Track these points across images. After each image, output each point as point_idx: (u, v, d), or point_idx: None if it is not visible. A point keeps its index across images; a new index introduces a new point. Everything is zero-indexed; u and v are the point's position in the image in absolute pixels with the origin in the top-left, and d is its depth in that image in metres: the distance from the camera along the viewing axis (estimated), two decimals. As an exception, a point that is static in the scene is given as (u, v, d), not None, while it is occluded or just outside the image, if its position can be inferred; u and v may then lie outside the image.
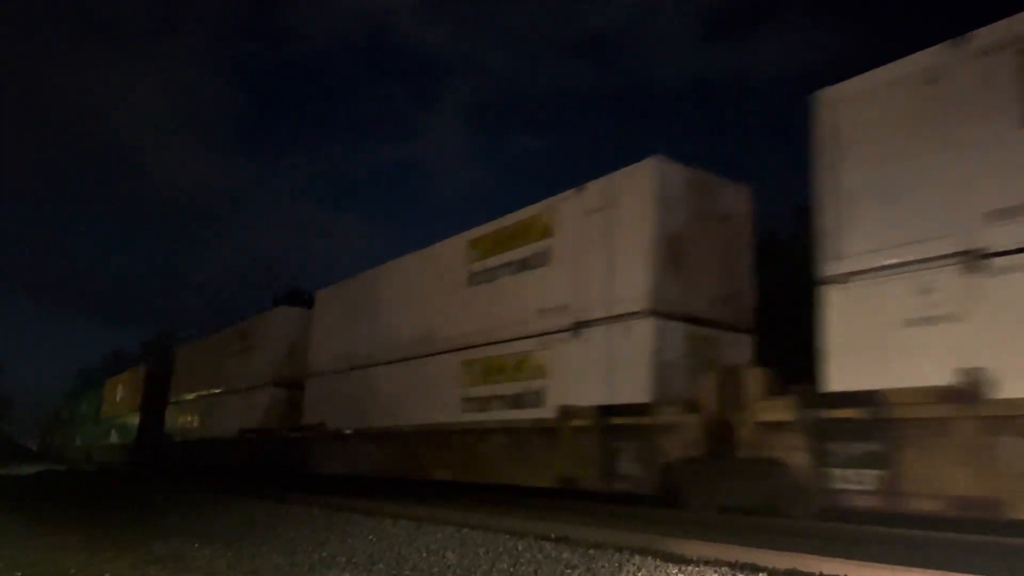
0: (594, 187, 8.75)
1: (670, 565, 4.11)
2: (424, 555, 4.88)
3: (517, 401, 9.11)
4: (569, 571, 4.22)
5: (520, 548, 4.84)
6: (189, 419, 20.23)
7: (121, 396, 28.41)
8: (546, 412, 8.59)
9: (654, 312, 7.81)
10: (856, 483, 5.67)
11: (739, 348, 8.44)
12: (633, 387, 7.75)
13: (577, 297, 8.63)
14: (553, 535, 5.39)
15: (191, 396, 20.33)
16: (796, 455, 6.11)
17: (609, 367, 8.06)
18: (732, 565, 4.08)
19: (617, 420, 7.74)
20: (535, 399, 8.83)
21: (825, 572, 4.01)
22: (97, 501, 10.62)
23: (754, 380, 6.68)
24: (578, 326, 8.51)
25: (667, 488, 7.17)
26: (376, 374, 12.18)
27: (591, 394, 8.11)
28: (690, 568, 4.02)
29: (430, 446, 10.55)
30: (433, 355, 10.82)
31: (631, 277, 8.03)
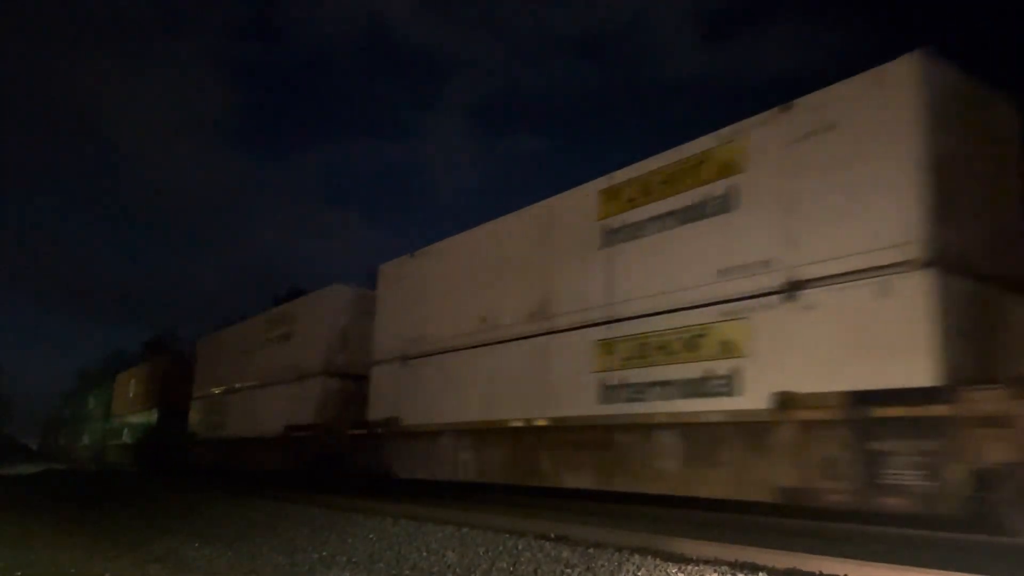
0: (809, 103, 6.79)
1: (670, 564, 4.12)
2: (424, 554, 4.89)
3: (693, 388, 7.14)
4: (569, 570, 4.22)
5: (520, 547, 4.84)
6: (218, 416, 18.06)
7: (135, 392, 26.41)
8: (745, 402, 6.64)
9: (931, 262, 5.76)
10: None
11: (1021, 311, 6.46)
12: (900, 365, 5.71)
13: (788, 249, 6.64)
14: (553, 534, 5.40)
15: (219, 391, 18.37)
16: None
17: (852, 340, 6.07)
18: (732, 564, 4.08)
19: (884, 411, 5.67)
20: (724, 385, 6.90)
21: (825, 572, 4.02)
22: (97, 501, 10.62)
23: None
24: (793, 287, 6.53)
25: (979, 506, 5.18)
26: (468, 359, 10.01)
27: (821, 377, 6.15)
28: (690, 567, 4.02)
29: (558, 445, 8.38)
30: (552, 333, 8.78)
31: (887, 217, 6.07)
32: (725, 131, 7.39)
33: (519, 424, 8.84)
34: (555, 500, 8.70)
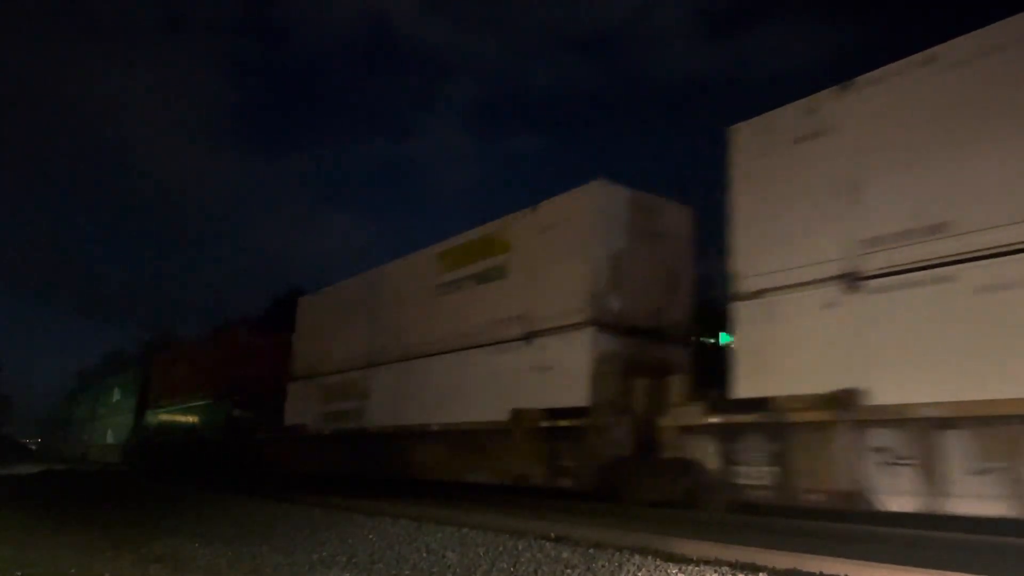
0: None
1: (670, 565, 4.12)
2: (424, 555, 4.89)
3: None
4: (569, 571, 4.22)
5: (520, 548, 4.84)
6: (347, 401, 12.92)
7: (185, 377, 20.90)
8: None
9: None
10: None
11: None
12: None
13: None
14: (553, 535, 5.40)
15: (345, 365, 13.17)
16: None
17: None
18: (732, 565, 4.08)
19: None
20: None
21: (825, 572, 4.02)
22: (97, 501, 10.62)
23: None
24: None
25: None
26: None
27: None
28: (690, 568, 4.02)
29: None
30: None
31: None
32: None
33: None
34: (555, 500, 8.71)
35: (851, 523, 5.87)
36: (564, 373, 8.63)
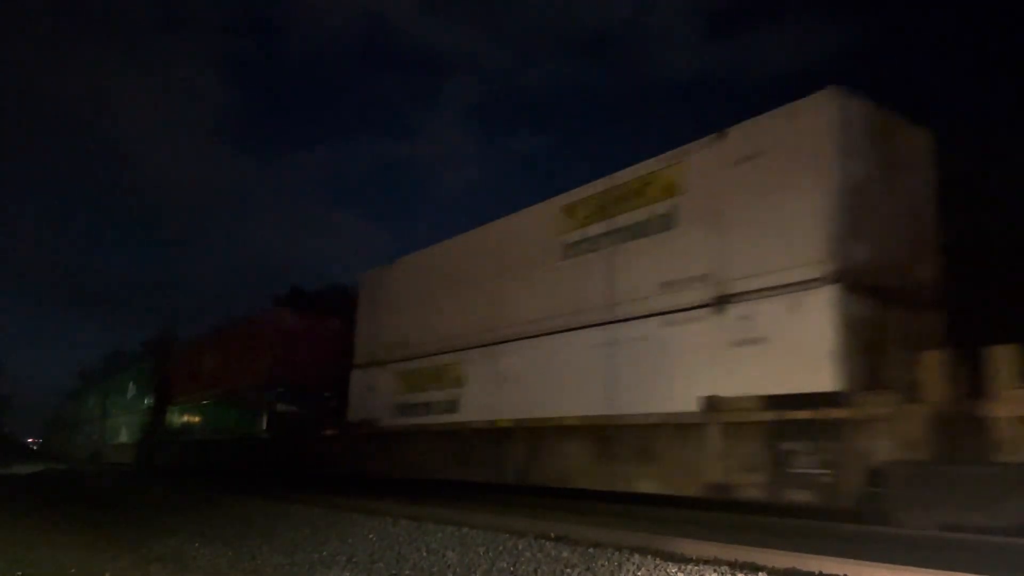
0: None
1: (670, 564, 4.12)
2: (424, 555, 4.89)
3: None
4: (569, 570, 4.23)
5: (520, 547, 4.85)
6: (448, 392, 10.51)
7: (212, 369, 18.54)
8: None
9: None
10: None
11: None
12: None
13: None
14: (553, 534, 5.40)
15: (451, 346, 10.64)
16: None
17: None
18: (732, 564, 4.08)
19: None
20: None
21: (825, 571, 4.02)
22: (97, 501, 10.62)
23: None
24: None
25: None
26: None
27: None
28: (690, 567, 4.02)
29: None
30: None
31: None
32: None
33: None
34: (555, 500, 8.71)
35: (852, 523, 5.87)
36: (789, 348, 6.48)
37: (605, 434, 7.95)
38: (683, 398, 7.12)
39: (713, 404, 6.89)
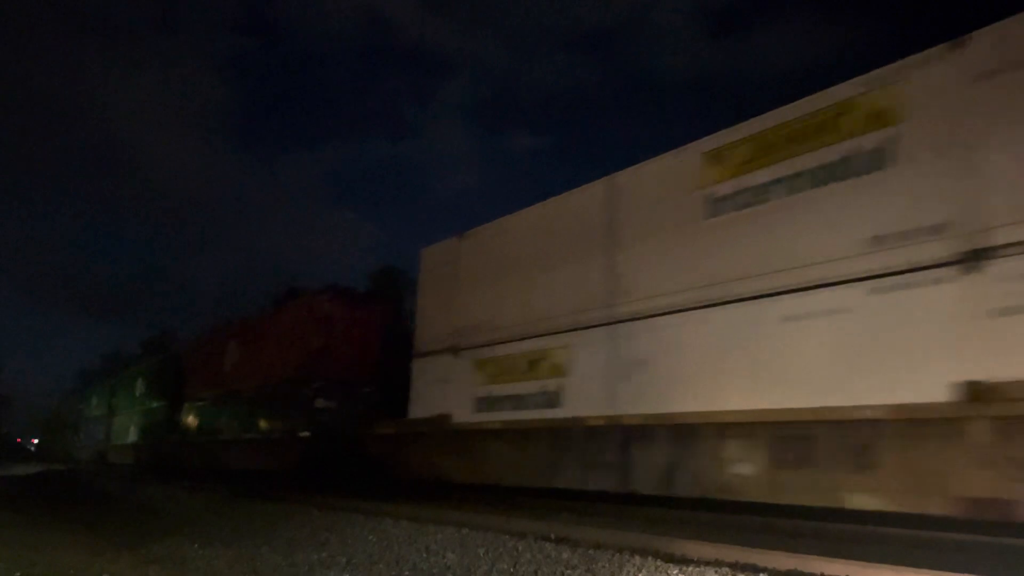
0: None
1: (670, 565, 4.11)
2: (424, 555, 4.88)
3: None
4: (569, 571, 4.22)
5: (520, 548, 4.84)
6: (546, 383, 8.73)
7: (237, 363, 16.62)
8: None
9: None
10: None
11: None
12: None
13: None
14: (553, 535, 5.39)
15: (551, 328, 8.86)
16: None
17: None
18: (733, 565, 4.07)
19: None
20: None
21: (827, 573, 4.01)
22: (97, 501, 10.61)
23: None
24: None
25: None
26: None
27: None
28: (690, 568, 4.01)
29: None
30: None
31: None
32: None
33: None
34: (556, 500, 8.70)
35: (852, 523, 5.86)
36: None
37: (792, 433, 6.25)
38: (917, 384, 5.50)
39: (978, 392, 5.17)
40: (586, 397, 8.15)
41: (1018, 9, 5.42)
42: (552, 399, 8.57)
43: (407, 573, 4.50)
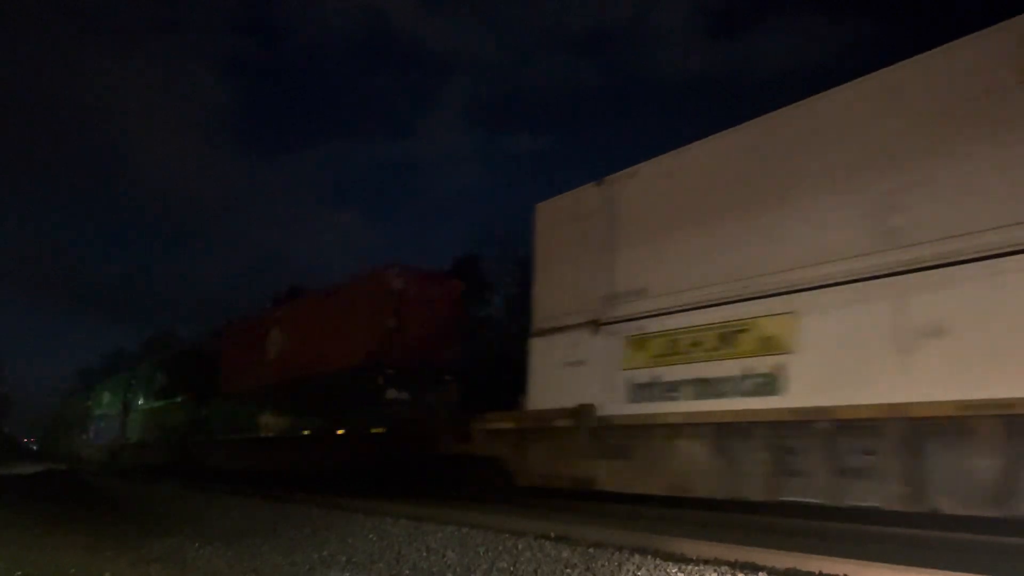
0: None
1: (670, 564, 4.11)
2: (424, 554, 4.89)
3: None
4: (569, 570, 4.22)
5: (520, 547, 4.84)
6: (757, 361, 6.62)
7: (286, 351, 14.70)
8: None
9: None
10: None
11: None
12: None
13: None
14: (553, 534, 5.39)
15: (761, 288, 6.68)
16: None
17: None
18: (732, 564, 4.08)
19: None
20: None
21: (825, 571, 4.01)
22: (97, 501, 10.62)
23: None
24: None
25: None
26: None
27: None
28: (690, 567, 4.02)
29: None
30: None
31: None
32: None
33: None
34: (554, 500, 8.70)
35: (852, 523, 5.86)
36: None
37: None
38: None
39: None
40: (827, 380, 6.06)
41: (1019, 9, 5.38)
42: (766, 383, 6.47)
43: (407, 572, 4.50)
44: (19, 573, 4.62)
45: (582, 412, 7.94)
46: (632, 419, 7.48)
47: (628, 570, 4.12)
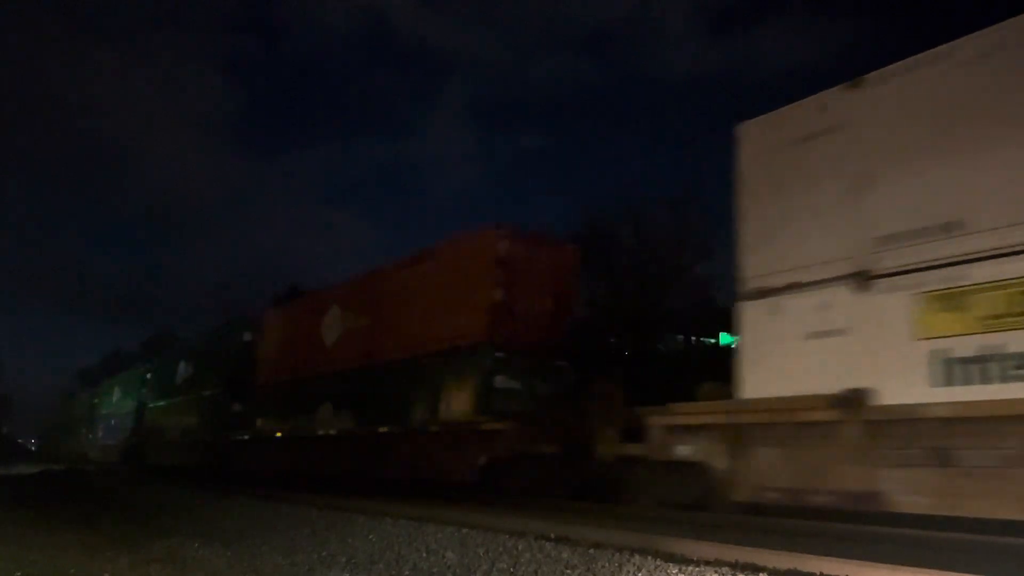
0: None
1: (670, 565, 4.11)
2: (424, 555, 4.88)
3: None
4: (569, 571, 4.22)
5: (520, 548, 4.84)
6: None
7: (353, 331, 12.79)
8: None
9: None
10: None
11: None
12: None
13: None
14: (553, 535, 5.39)
15: None
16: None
17: None
18: (732, 565, 4.07)
19: None
20: None
21: (826, 572, 4.01)
22: (97, 501, 10.61)
23: None
24: None
25: None
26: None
27: None
28: (690, 568, 4.01)
29: None
30: None
31: None
32: None
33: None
34: (554, 500, 8.70)
35: (852, 523, 5.86)
36: None
37: None
38: None
39: None
40: None
41: (1018, 10, 5.39)
42: None
43: (407, 572, 4.50)
44: (19, 573, 4.61)
45: (854, 400, 5.87)
46: (957, 409, 5.23)
47: (628, 571, 4.11)
